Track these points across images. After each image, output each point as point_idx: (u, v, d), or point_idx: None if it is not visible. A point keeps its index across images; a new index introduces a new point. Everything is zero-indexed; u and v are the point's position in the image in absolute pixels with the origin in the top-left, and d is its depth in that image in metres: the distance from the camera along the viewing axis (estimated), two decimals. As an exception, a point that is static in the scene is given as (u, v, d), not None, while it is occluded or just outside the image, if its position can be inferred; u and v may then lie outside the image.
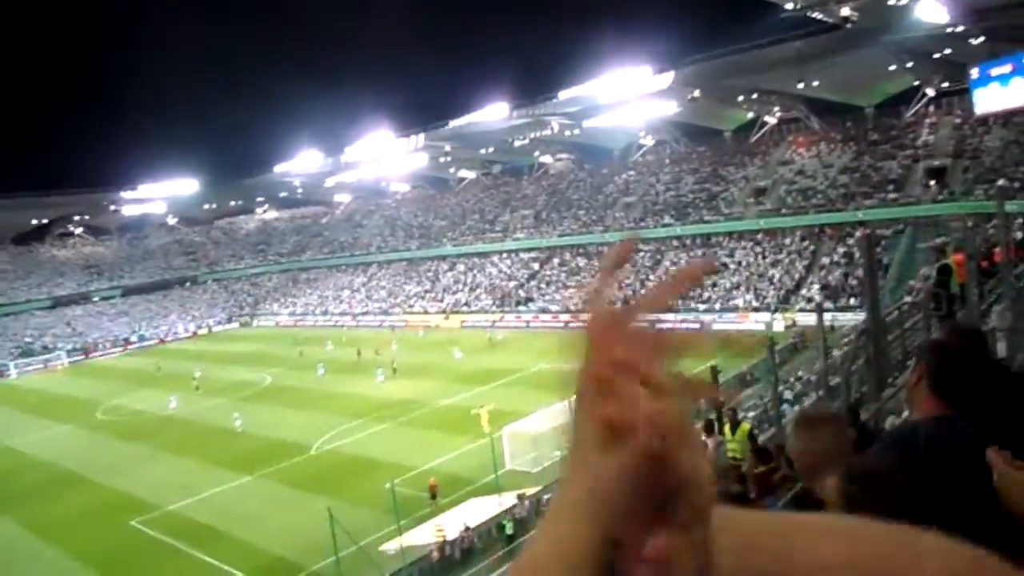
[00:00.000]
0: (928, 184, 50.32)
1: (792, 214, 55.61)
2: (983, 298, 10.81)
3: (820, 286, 48.28)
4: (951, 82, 54.35)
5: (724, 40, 54.83)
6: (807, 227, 54.26)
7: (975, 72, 47.69)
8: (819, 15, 43.84)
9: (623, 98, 60.48)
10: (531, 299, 64.65)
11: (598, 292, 0.68)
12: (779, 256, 53.69)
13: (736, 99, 64.05)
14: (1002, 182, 41.07)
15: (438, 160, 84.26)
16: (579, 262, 67.06)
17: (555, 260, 69.33)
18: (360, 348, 55.42)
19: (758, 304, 49.26)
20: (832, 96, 60.00)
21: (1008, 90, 46.06)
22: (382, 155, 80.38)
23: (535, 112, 67.46)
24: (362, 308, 78.47)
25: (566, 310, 59.98)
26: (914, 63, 52.82)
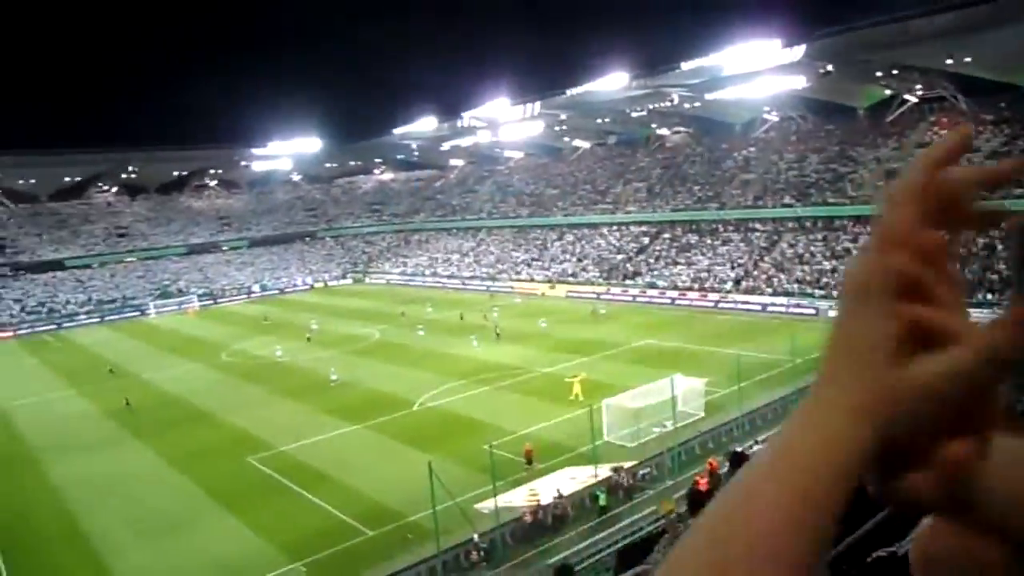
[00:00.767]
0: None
1: (928, 200, 51.82)
2: None
3: (954, 279, 44.98)
4: None
5: (864, 11, 50.92)
6: (944, 215, 50.50)
7: None
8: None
9: (749, 71, 57.85)
10: (639, 273, 63.72)
11: (909, 184, 0.59)
12: (909, 245, 50.30)
13: (873, 74, 59.86)
14: None
15: (553, 128, 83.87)
16: (690, 238, 65.33)
17: (666, 235, 67.85)
18: (463, 312, 56.67)
19: (881, 294, 46.48)
20: (985, 74, 54.87)
21: None
22: (498, 121, 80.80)
23: (655, 83, 65.66)
24: (470, 272, 79.89)
25: (674, 286, 58.78)
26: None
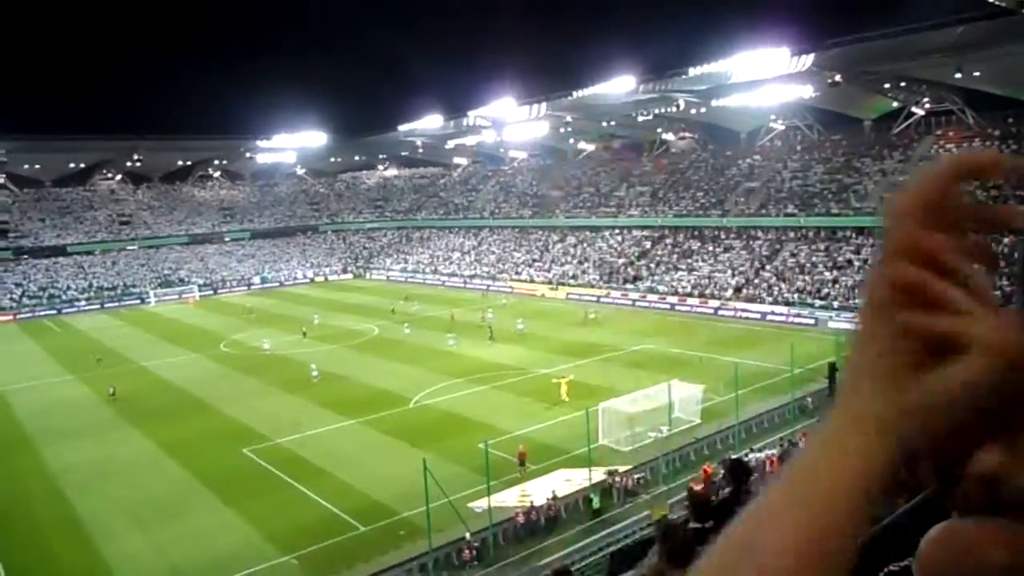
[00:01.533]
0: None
1: (931, 214, 51.76)
2: None
3: (954, 293, 44.95)
4: None
5: (875, 22, 50.97)
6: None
7: None
8: (990, -2, 39.98)
9: (756, 78, 57.83)
10: (639, 278, 63.73)
11: (919, 194, 0.58)
12: (911, 257, 50.25)
13: (881, 86, 59.88)
14: None
15: (558, 130, 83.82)
16: (692, 244, 65.33)
17: (668, 241, 67.87)
18: (455, 312, 57.12)
19: (882, 306, 46.43)
20: (994, 88, 54.88)
21: None
22: (503, 121, 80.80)
23: (662, 87, 65.60)
24: (471, 271, 79.91)
25: (674, 292, 58.77)
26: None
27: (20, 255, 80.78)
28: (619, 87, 64.78)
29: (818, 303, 49.38)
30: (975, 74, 52.10)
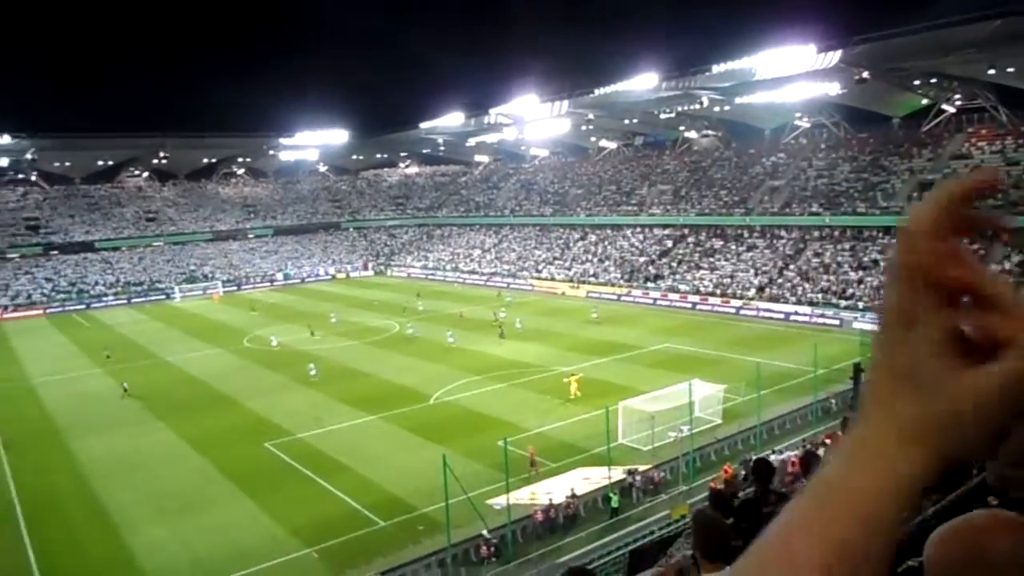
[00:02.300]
0: None
1: (960, 213, 50.77)
2: None
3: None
4: None
5: (904, 17, 50.09)
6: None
7: None
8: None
9: (781, 76, 57.17)
10: (660, 276, 63.37)
11: (931, 214, 0.58)
12: (939, 257, 49.35)
13: (911, 82, 58.93)
14: None
15: (580, 128, 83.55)
16: (714, 243, 64.81)
17: (690, 239, 67.40)
18: (464, 310, 57.75)
19: (908, 307, 45.68)
20: (1027, 86, 53.84)
21: None
22: (524, 119, 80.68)
23: (685, 84, 65.10)
24: (491, 269, 79.96)
25: (696, 291, 58.36)
26: None
27: (50, 251, 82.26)
28: (642, 84, 64.39)
29: (843, 303, 48.76)
30: (1009, 70, 51.09)
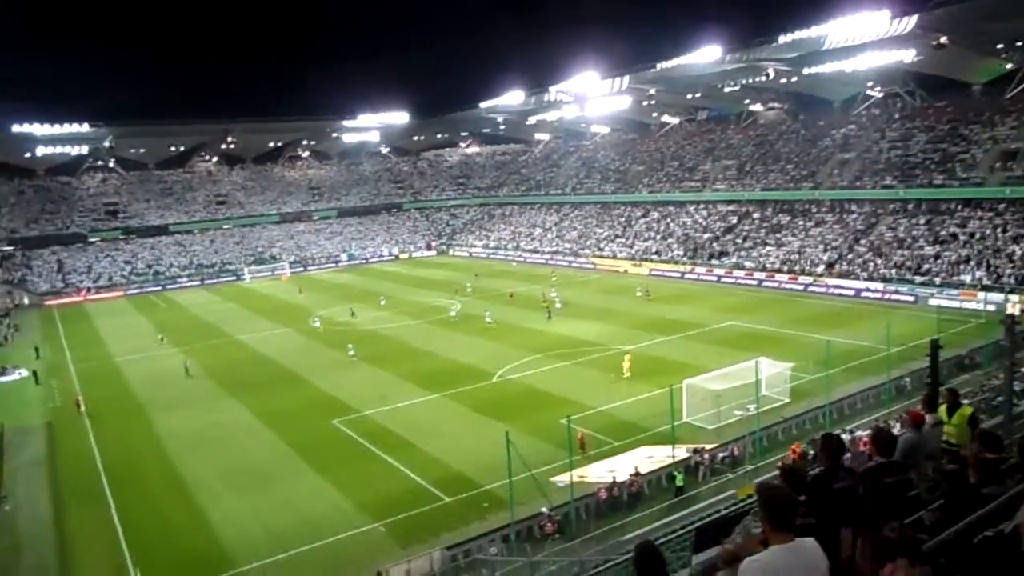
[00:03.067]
0: None
1: (1048, 183, 47.99)
2: None
3: (1073, 269, 41.64)
4: None
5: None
6: (1065, 200, 46.66)
7: None
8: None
9: (853, 44, 54.74)
10: (725, 253, 62.05)
11: None
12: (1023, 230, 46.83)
13: (993, 47, 55.67)
14: None
15: (641, 103, 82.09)
16: (781, 219, 62.99)
17: (755, 215, 65.68)
18: (514, 290, 58.00)
19: (990, 282, 43.53)
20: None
21: None
22: (585, 96, 79.72)
23: (750, 56, 63.08)
24: (552, 247, 79.76)
25: (762, 268, 56.95)
26: None
27: (128, 234, 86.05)
28: (705, 57, 62.75)
29: (918, 279, 46.80)
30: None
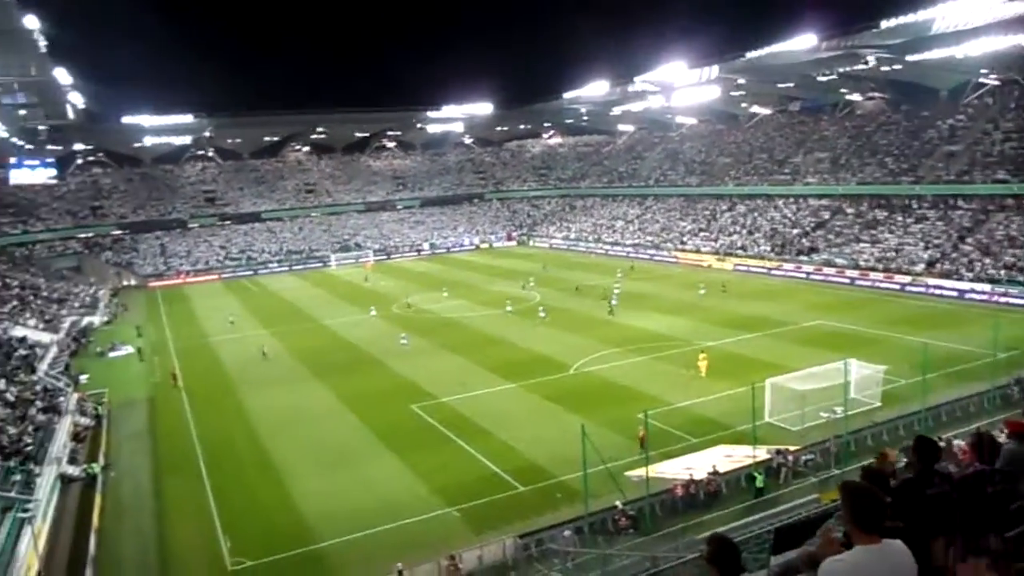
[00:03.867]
0: None
1: None
2: None
3: None
4: None
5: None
6: None
7: None
8: None
9: (964, 28, 51.38)
10: (815, 249, 59.63)
11: None
12: None
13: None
14: None
15: (730, 94, 79.66)
16: (878, 215, 59.98)
17: (849, 210, 62.81)
18: (578, 285, 57.22)
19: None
20: None
21: None
22: (671, 86, 78.03)
23: (849, 43, 60.12)
24: (634, 240, 78.68)
25: (855, 265, 54.44)
26: None
27: (224, 221, 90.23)
28: (799, 45, 60.24)
29: (1031, 281, 43.78)
30: None
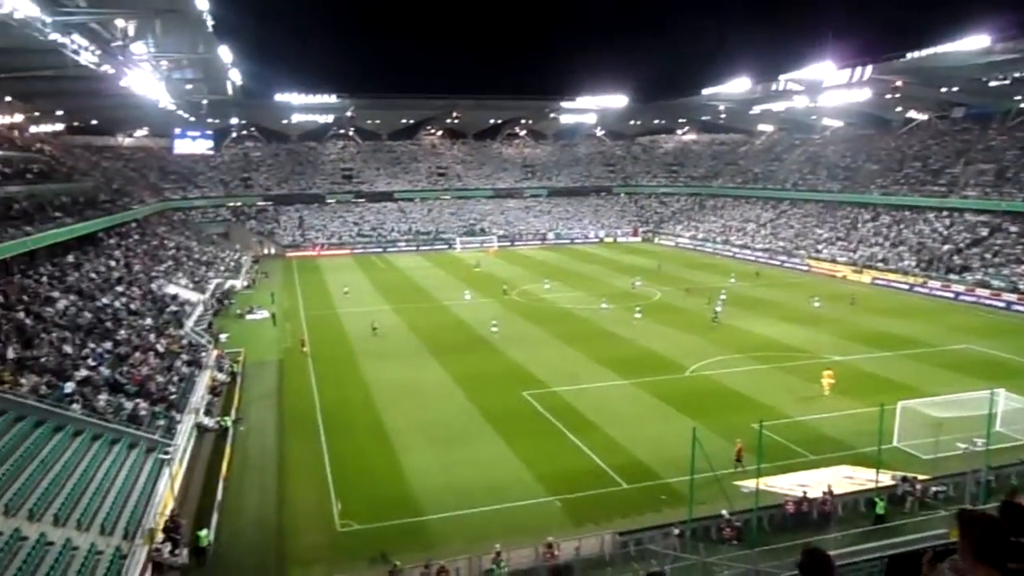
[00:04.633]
0: None
1: None
2: None
3: None
4: None
5: None
6: None
7: None
8: None
9: None
10: (968, 268, 54.92)
11: None
12: None
13: None
14: None
15: (883, 96, 74.47)
16: (1045, 235, 54.43)
17: (1012, 228, 57.32)
18: (688, 287, 55.60)
19: None
20: None
21: None
22: (818, 85, 73.93)
23: (1027, 45, 54.61)
24: (765, 244, 75.56)
25: (1014, 288, 49.71)
26: None
27: (359, 198, 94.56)
28: (969, 45, 55.34)
29: None
30: None
